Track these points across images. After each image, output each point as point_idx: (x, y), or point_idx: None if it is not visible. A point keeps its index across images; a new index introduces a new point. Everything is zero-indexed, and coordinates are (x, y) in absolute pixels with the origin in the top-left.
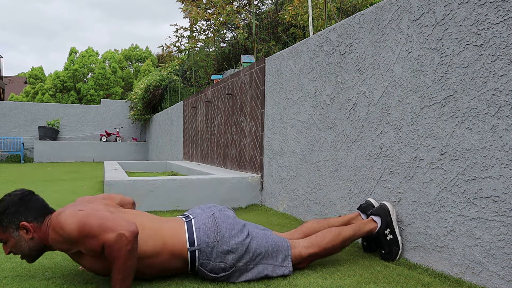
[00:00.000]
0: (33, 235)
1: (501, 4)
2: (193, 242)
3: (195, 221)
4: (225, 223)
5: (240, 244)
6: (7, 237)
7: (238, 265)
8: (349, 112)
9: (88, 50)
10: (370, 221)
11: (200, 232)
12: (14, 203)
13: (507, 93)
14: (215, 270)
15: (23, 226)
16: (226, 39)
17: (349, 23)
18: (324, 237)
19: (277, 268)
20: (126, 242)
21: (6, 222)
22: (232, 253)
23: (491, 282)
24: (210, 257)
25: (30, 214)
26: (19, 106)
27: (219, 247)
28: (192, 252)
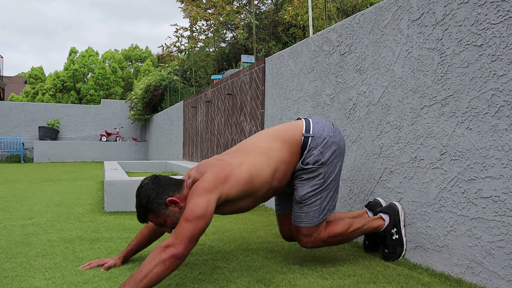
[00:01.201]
0: (181, 204)
1: (501, 4)
2: (309, 130)
3: (313, 119)
4: (340, 135)
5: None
6: (164, 218)
7: (325, 167)
8: (349, 112)
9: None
10: (379, 218)
11: (317, 124)
12: (151, 189)
13: (507, 93)
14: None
15: (170, 201)
16: (226, 39)
17: (349, 23)
18: (337, 224)
19: (319, 212)
20: (177, 262)
21: (156, 207)
22: (330, 154)
23: (491, 282)
24: (318, 145)
25: (168, 189)
26: (19, 106)
27: (329, 141)
28: (306, 139)
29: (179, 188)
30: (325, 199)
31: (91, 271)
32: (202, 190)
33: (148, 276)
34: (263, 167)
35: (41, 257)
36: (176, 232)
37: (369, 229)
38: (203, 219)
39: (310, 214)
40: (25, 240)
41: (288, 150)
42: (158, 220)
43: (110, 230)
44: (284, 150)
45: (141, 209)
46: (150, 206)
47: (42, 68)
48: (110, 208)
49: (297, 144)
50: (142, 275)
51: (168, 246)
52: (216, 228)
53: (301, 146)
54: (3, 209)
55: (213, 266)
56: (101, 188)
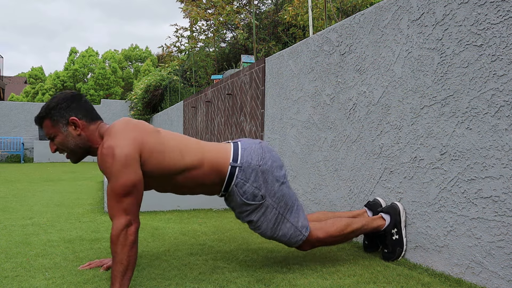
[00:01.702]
0: (81, 132)
1: (501, 4)
2: (236, 159)
3: (242, 143)
4: (270, 154)
5: (277, 178)
6: (56, 132)
7: (268, 200)
8: (349, 112)
9: (88, 50)
10: (379, 218)
11: (245, 152)
12: (66, 99)
13: (507, 93)
14: (248, 194)
15: (73, 121)
16: (226, 39)
17: (349, 23)
18: (333, 224)
19: (295, 231)
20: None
21: (57, 116)
22: (268, 184)
23: (491, 282)
24: (248, 179)
25: (80, 111)
26: (19, 106)
27: (259, 172)
28: (233, 169)
29: (92, 120)
30: (292, 218)
31: (91, 271)
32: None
33: (130, 264)
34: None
35: (41, 257)
36: (124, 210)
37: (369, 229)
38: (138, 186)
39: (291, 239)
40: (25, 240)
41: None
42: (50, 130)
43: (110, 230)
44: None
45: (44, 109)
46: (54, 112)
47: (42, 68)
48: None
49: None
50: (124, 267)
51: (128, 227)
52: (216, 228)
53: (227, 175)
54: (3, 209)
55: (213, 266)
56: (101, 188)
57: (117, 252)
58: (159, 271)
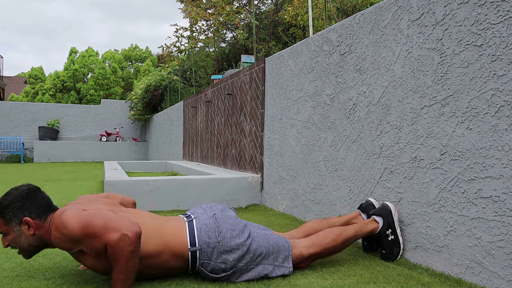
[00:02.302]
0: (35, 232)
1: (501, 4)
2: (194, 242)
3: (196, 221)
4: (226, 224)
5: (241, 245)
6: (8, 230)
7: (238, 265)
8: (349, 112)
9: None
10: (372, 221)
11: (201, 232)
12: (20, 197)
13: (507, 93)
14: (216, 270)
15: (26, 221)
16: (226, 39)
17: (349, 23)
18: (325, 237)
19: (277, 268)
20: (129, 243)
21: (11, 216)
22: (233, 254)
23: (491, 282)
24: (211, 258)
25: (34, 210)
26: (19, 106)
27: (220, 248)
28: (193, 253)
29: (46, 216)
30: (270, 261)
31: (91, 271)
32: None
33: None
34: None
35: (41, 257)
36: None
37: (363, 233)
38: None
39: (279, 274)
40: None
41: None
42: (1, 228)
43: None
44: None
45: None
46: (6, 211)
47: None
48: None
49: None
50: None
51: (121, 239)
52: None
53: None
54: None
55: None
56: (101, 188)
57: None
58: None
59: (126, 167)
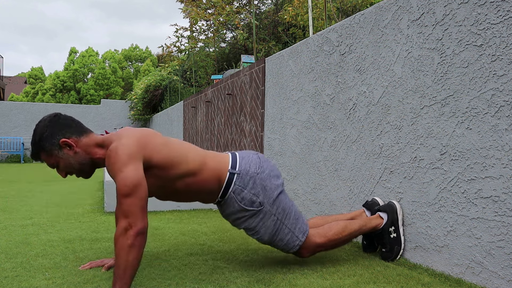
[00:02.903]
0: (76, 149)
1: (501, 4)
2: (235, 167)
3: (240, 153)
4: (267, 163)
5: (275, 187)
6: (56, 160)
7: (266, 206)
8: (349, 112)
9: (88, 50)
10: (377, 217)
11: (243, 160)
12: (47, 126)
13: (507, 93)
14: (245, 201)
15: (64, 142)
16: (226, 39)
17: (349, 23)
18: (330, 228)
19: (291, 235)
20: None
21: (48, 145)
22: (266, 191)
23: (491, 282)
24: (246, 186)
25: (66, 130)
26: (19, 106)
27: (257, 179)
28: (231, 175)
29: (80, 132)
30: (290, 224)
31: (91, 271)
32: (125, 157)
33: (128, 266)
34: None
35: (41, 257)
36: (124, 212)
37: (367, 229)
38: (140, 187)
39: (288, 243)
40: (25, 240)
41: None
42: (50, 160)
43: (110, 230)
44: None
45: (34, 145)
46: (43, 144)
47: (42, 68)
48: (110, 208)
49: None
50: (122, 269)
51: (126, 229)
52: (216, 228)
53: (225, 182)
54: (3, 209)
55: (213, 266)
56: (101, 188)
57: (116, 255)
58: (159, 271)
59: None
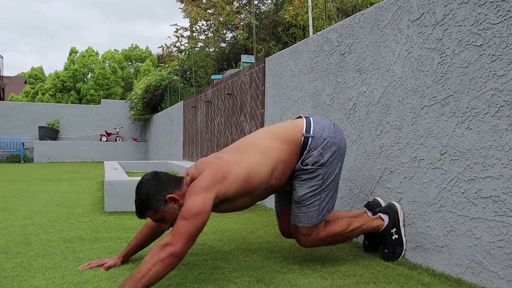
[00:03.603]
0: (180, 201)
1: (501, 4)
2: (309, 130)
3: (314, 118)
4: (340, 132)
5: (340, 154)
6: (163, 215)
7: (323, 169)
8: (349, 112)
9: (88, 50)
10: (378, 218)
11: (318, 125)
12: (151, 185)
13: (507, 93)
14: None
15: (170, 198)
16: (226, 39)
17: (349, 23)
18: (334, 223)
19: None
20: (175, 262)
21: (155, 203)
22: (330, 155)
23: (491, 282)
24: (317, 146)
25: (168, 186)
26: (19, 106)
27: (329, 142)
28: (306, 139)
29: (179, 185)
30: (324, 200)
31: (91, 271)
32: (200, 188)
33: (147, 275)
34: (261, 166)
35: (41, 257)
36: (174, 231)
37: (368, 228)
38: (200, 216)
39: (309, 214)
40: (25, 240)
41: (287, 149)
42: (156, 216)
43: (110, 230)
44: (283, 150)
45: (140, 204)
46: (150, 202)
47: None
48: (110, 208)
49: (296, 144)
50: (141, 275)
51: (166, 245)
52: (216, 228)
53: (301, 146)
54: (3, 209)
55: (213, 266)
56: (101, 188)
57: (144, 260)
58: None
59: (126, 167)
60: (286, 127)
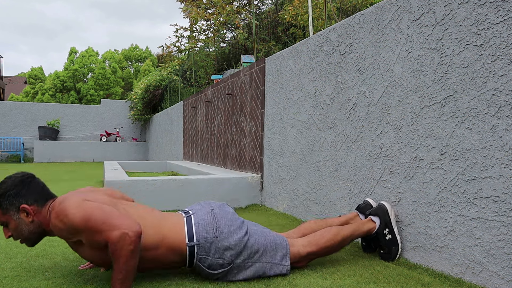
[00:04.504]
0: (33, 218)
1: (501, 4)
2: (192, 237)
3: (195, 216)
4: (224, 219)
5: (238, 241)
6: (8, 220)
7: (236, 261)
8: (349, 112)
9: (88, 50)
10: (369, 221)
11: (199, 227)
12: (15, 185)
13: (507, 93)
14: (213, 266)
15: (24, 208)
16: (226, 39)
17: (349, 23)
18: (322, 236)
19: (275, 266)
20: (129, 242)
21: (7, 205)
22: (231, 250)
23: (491, 282)
24: (209, 253)
25: (31, 196)
26: (19, 106)
27: (217, 243)
28: (191, 248)
29: (43, 202)
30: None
31: (91, 271)
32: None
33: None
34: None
35: (41, 257)
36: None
37: (361, 233)
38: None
39: (274, 268)
40: None
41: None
42: (1, 218)
43: None
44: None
45: None
46: (2, 200)
47: (42, 68)
48: None
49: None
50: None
51: (124, 236)
52: None
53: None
54: None
55: None
56: None
57: (115, 262)
58: (159, 271)
59: (126, 167)
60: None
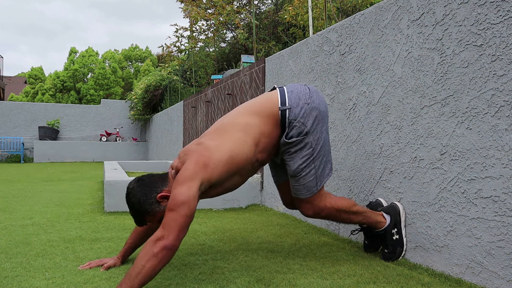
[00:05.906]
0: None
1: (501, 4)
2: (284, 102)
3: (287, 87)
4: (317, 95)
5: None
6: (161, 215)
7: (309, 137)
8: (349, 112)
9: (88, 50)
10: (381, 214)
11: (292, 94)
12: (138, 192)
13: (507, 93)
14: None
15: (161, 197)
16: (226, 39)
17: (349, 23)
18: (342, 199)
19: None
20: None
21: (149, 207)
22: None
23: (491, 282)
24: (297, 116)
25: (154, 186)
26: (19, 106)
27: (307, 109)
28: (283, 112)
29: (165, 182)
30: (319, 167)
31: (91, 271)
32: (183, 179)
33: (142, 271)
34: (242, 145)
35: (41, 257)
36: (163, 224)
37: (371, 219)
38: (186, 205)
39: (307, 184)
40: (25, 240)
41: (266, 123)
42: (155, 218)
43: (110, 230)
44: (261, 124)
45: (135, 213)
46: (143, 208)
47: (42, 68)
48: (110, 208)
49: (275, 118)
50: (136, 272)
51: (158, 239)
52: (216, 228)
53: (280, 120)
54: (3, 209)
55: (213, 266)
56: (101, 188)
57: (138, 256)
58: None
59: (126, 167)
60: (262, 102)
